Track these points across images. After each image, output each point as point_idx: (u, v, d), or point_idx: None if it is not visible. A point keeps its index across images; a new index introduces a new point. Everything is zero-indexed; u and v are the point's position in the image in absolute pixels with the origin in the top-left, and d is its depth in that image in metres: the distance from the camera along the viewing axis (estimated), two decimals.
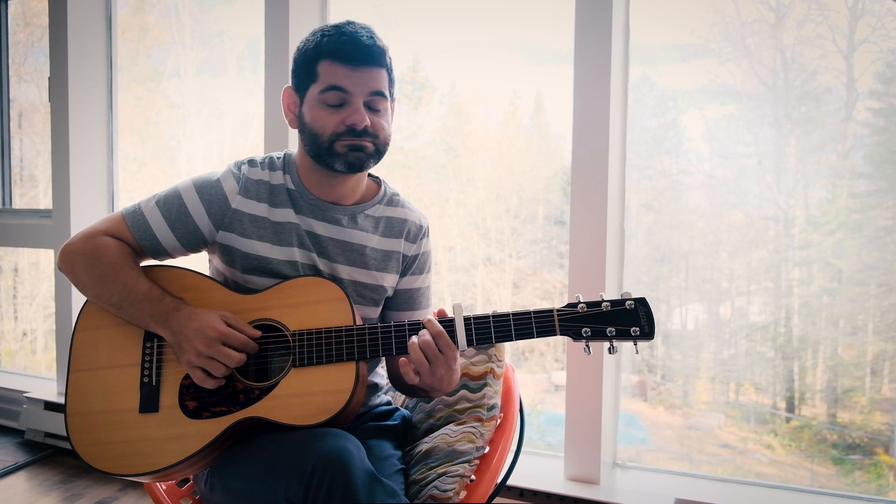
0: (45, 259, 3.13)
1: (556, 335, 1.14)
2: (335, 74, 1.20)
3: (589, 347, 1.15)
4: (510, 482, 1.85)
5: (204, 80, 2.77)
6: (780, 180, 1.96)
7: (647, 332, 1.13)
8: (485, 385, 1.37)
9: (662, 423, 2.19)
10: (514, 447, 1.36)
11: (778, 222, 1.97)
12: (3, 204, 3.03)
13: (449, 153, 2.48)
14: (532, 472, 2.00)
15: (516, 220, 2.40)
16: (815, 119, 1.93)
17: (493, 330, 1.15)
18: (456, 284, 2.47)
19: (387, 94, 1.25)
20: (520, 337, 1.15)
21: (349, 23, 1.23)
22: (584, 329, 1.13)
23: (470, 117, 2.49)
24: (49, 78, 2.61)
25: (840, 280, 1.94)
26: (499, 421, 1.36)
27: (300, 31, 2.21)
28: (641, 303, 1.14)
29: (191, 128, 2.81)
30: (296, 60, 1.26)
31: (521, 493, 1.96)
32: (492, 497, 1.27)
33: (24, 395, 2.67)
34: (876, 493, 1.85)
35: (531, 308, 1.17)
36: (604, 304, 1.14)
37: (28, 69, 3.05)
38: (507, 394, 1.41)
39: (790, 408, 2.02)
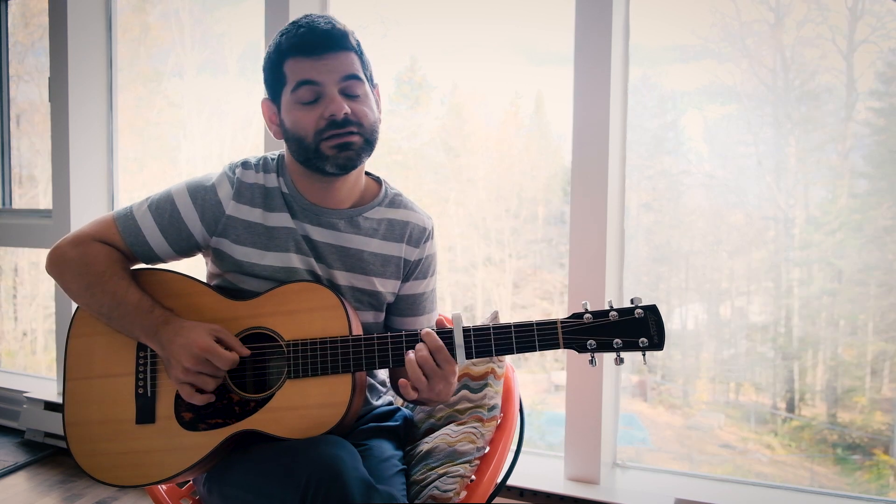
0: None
1: (559, 348, 1.10)
2: (301, 69, 1.15)
3: (595, 359, 1.10)
4: (510, 482, 1.84)
5: (204, 80, 2.77)
6: (780, 180, 1.96)
7: (657, 343, 1.07)
8: (486, 385, 1.37)
9: (662, 423, 2.19)
10: (514, 447, 1.36)
11: (778, 222, 1.97)
12: (3, 204, 3.03)
13: (449, 153, 2.48)
14: (532, 472, 2.00)
15: (516, 220, 2.40)
16: (815, 119, 1.93)
17: (493, 343, 1.11)
18: (456, 284, 2.47)
19: (361, 76, 1.18)
20: (521, 350, 1.11)
21: (305, 16, 1.18)
22: (588, 341, 1.09)
23: (470, 117, 2.49)
24: (49, 78, 2.61)
25: (840, 280, 1.94)
26: (499, 421, 1.36)
27: None
28: (651, 311, 1.08)
29: (191, 128, 2.81)
30: (264, 70, 1.21)
31: (521, 493, 1.96)
32: (492, 497, 1.27)
33: (24, 395, 2.67)
34: (876, 493, 1.85)
35: (535, 317, 1.12)
36: (611, 313, 1.09)
37: (28, 69, 3.04)
38: (508, 394, 1.41)
39: (790, 408, 2.02)
